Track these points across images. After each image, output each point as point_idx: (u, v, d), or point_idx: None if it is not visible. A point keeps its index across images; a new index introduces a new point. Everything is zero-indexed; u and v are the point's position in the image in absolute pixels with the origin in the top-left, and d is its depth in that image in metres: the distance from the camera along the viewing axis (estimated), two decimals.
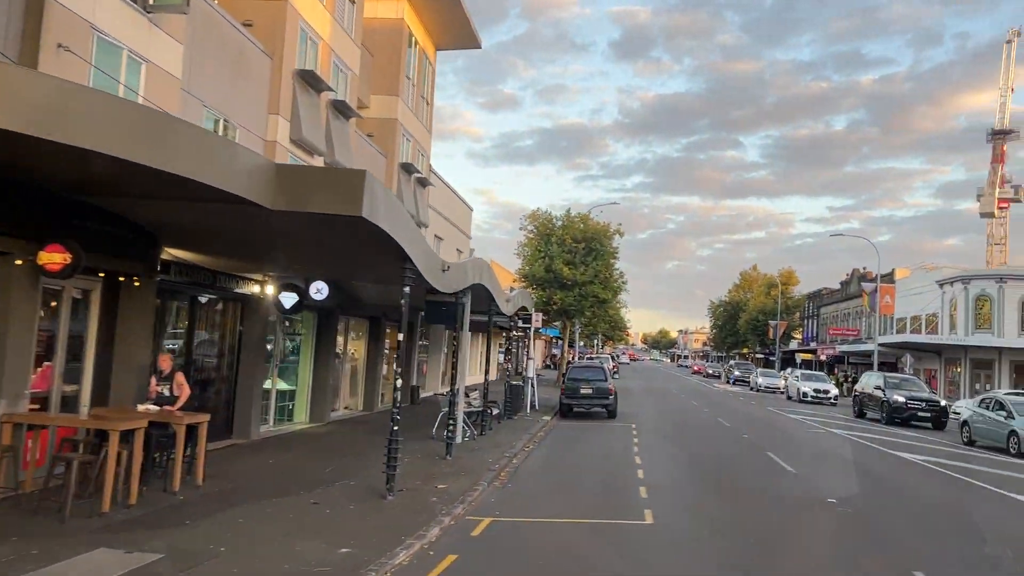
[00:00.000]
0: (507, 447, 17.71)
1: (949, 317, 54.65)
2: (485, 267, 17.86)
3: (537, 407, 28.17)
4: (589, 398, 26.57)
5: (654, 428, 24.35)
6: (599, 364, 28.20)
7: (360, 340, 23.85)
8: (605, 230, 46.49)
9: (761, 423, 27.85)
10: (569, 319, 48.05)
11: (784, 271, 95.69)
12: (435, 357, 35.69)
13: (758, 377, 53.64)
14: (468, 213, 36.68)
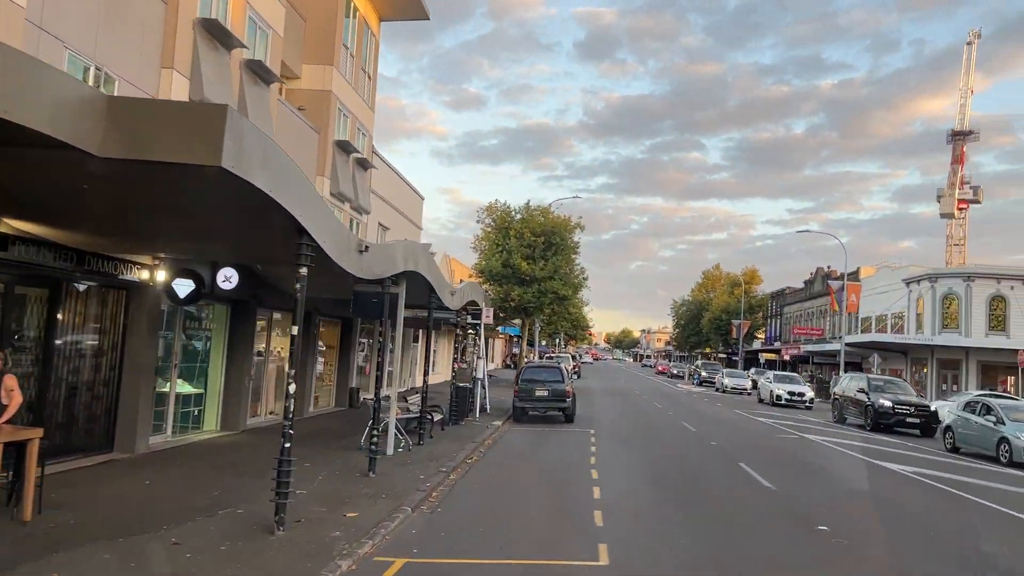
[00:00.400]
0: (446, 459, 15.39)
1: (916, 316, 53.52)
2: (421, 252, 15.52)
3: (488, 410, 25.89)
4: (544, 401, 24.39)
5: (614, 434, 22.21)
6: (556, 364, 26.04)
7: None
8: (566, 224, 44.42)
9: (730, 428, 25.87)
10: (528, 317, 45.84)
11: (747, 270, 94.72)
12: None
13: (724, 378, 51.91)
14: (419, 202, 34.28)
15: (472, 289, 22.60)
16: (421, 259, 15.37)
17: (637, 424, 25.84)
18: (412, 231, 33.03)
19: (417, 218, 33.96)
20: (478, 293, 23.26)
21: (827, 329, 70.78)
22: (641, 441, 21.02)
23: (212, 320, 17.25)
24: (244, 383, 17.65)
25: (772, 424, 27.64)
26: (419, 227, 34.48)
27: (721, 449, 19.64)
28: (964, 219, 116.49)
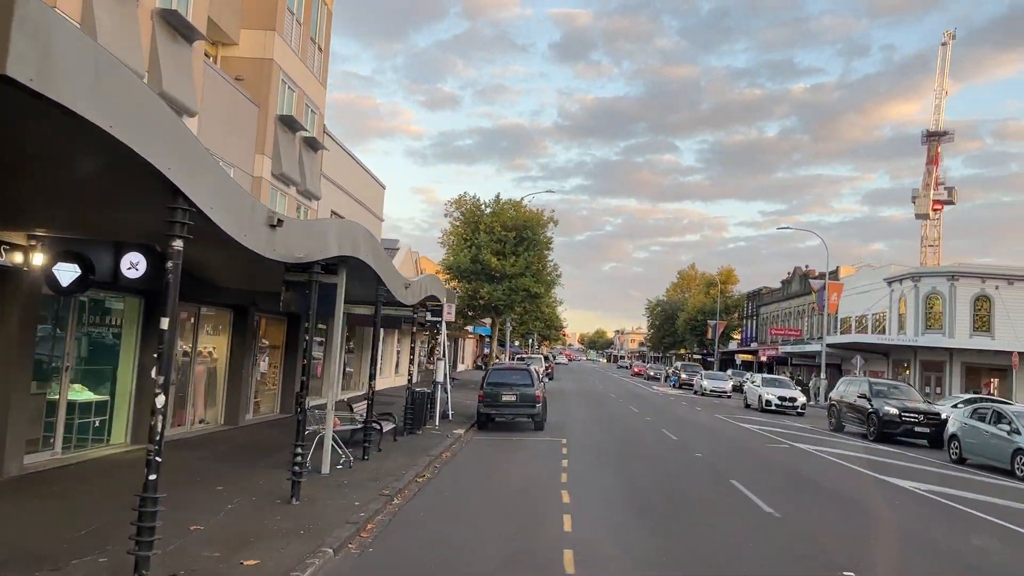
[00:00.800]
0: (391, 479, 13.08)
1: (898, 316, 52.03)
2: (364, 236, 13.19)
3: (451, 417, 23.59)
4: (512, 406, 22.14)
5: (589, 444, 20.02)
6: (525, 366, 23.79)
7: (221, 335, 18.91)
8: (538, 218, 42.22)
9: (714, 436, 23.79)
10: (499, 316, 43.57)
11: (723, 269, 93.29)
12: (354, 356, 30.73)
13: (703, 380, 49.91)
14: (380, 192, 31.90)
15: (431, 283, 20.29)
16: (363, 243, 13.05)
17: (614, 432, 23.67)
18: (372, 222, 30.63)
19: (378, 208, 31.57)
20: (438, 287, 20.96)
21: (805, 330, 69.30)
22: (619, 453, 18.83)
23: (122, 315, 14.77)
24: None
25: (760, 432, 25.59)
26: (380, 218, 32.09)
27: (708, 463, 17.50)
28: (939, 220, 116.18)
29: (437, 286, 20.77)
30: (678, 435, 22.93)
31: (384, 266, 14.83)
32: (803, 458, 19.48)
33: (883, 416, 24.47)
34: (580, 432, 22.89)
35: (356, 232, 12.94)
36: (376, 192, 31.19)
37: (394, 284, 15.91)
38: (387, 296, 16.04)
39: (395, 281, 16.06)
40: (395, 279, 16.04)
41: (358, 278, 14.34)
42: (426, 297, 19.92)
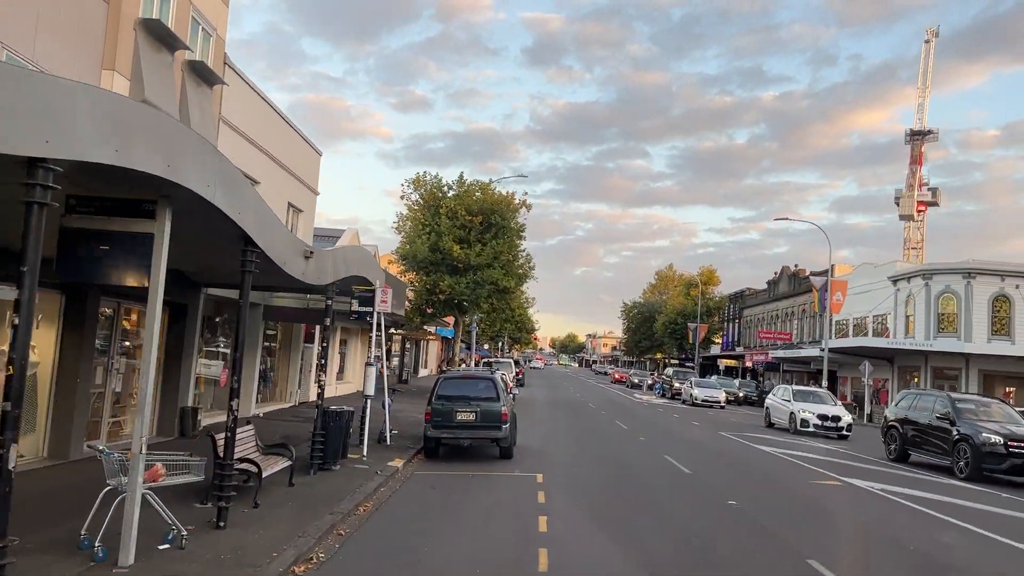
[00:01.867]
0: (246, 567, 7.43)
1: (904, 319, 47.17)
2: (196, 146, 7.49)
3: (390, 441, 17.89)
4: (470, 427, 16.53)
5: (574, 484, 14.45)
6: (487, 375, 18.08)
7: (49, 328, 13.04)
8: (508, 202, 36.64)
9: (739, 469, 18.32)
10: (462, 313, 37.85)
11: (705, 269, 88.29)
12: (282, 359, 25.00)
13: (693, 388, 44.48)
14: (315, 159, 26.10)
15: (356, 257, 14.61)
16: (199, 160, 7.40)
17: (604, 461, 18.10)
18: (303, 194, 24.82)
19: (311, 178, 25.76)
20: (367, 265, 15.27)
21: (796, 333, 64.44)
22: (618, 500, 13.27)
23: None
24: None
25: (793, 460, 20.10)
26: (314, 191, 26.28)
27: (752, 518, 11.99)
28: (922, 221, 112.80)
29: (366, 263, 15.07)
30: (690, 466, 17.41)
31: (256, 212, 9.17)
32: (881, 508, 14.02)
33: (982, 446, 18.05)
34: (561, 461, 17.32)
35: (179, 137, 7.27)
36: (309, 158, 25.41)
37: (280, 249, 10.23)
38: (268, 269, 10.37)
39: (282, 245, 10.38)
40: (281, 242, 10.35)
41: (197, 226, 8.69)
42: (349, 278, 14.25)
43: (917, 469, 19.89)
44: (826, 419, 28.40)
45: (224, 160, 8.29)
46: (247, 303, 9.56)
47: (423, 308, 36.25)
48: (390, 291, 15.46)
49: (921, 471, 19.54)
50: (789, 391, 31.07)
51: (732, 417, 36.50)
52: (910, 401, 21.72)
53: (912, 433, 20.75)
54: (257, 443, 12.01)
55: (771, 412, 31.83)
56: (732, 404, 47.14)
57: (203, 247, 10.90)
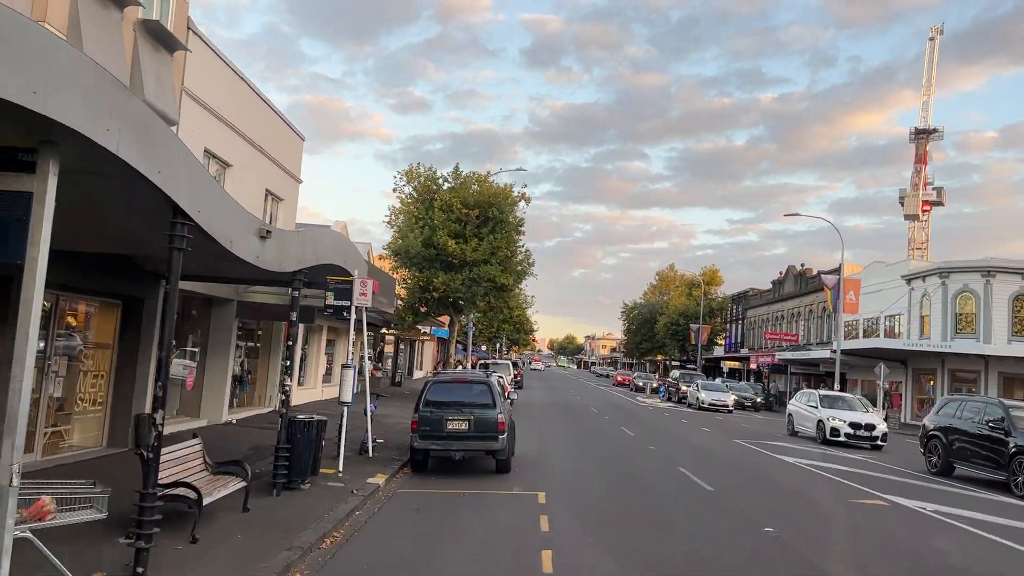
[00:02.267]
0: None
1: (919, 319, 45.23)
2: (104, 81, 5.55)
3: (373, 452, 15.94)
4: (462, 438, 14.57)
5: (581, 504, 12.52)
6: (481, 378, 16.04)
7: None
8: (507, 194, 34.67)
9: (765, 485, 16.36)
10: (458, 312, 35.89)
11: (707, 269, 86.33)
12: (261, 360, 23.06)
13: (700, 392, 42.45)
14: (296, 144, 24.15)
15: (331, 244, 12.66)
16: (90, 89, 5.46)
17: (613, 476, 16.15)
18: (283, 181, 22.87)
19: (293, 165, 23.81)
20: (346, 254, 13.32)
21: (803, 334, 62.51)
22: (635, 528, 11.31)
23: None
24: None
25: (821, 473, 18.12)
26: (297, 179, 24.33)
27: (795, 549, 10.05)
28: (927, 221, 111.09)
29: (342, 250, 13.11)
30: (711, 481, 15.46)
31: (190, 180, 7.23)
32: (940, 535, 12.07)
33: None
34: (565, 476, 15.39)
35: (58, 55, 5.33)
36: (290, 143, 23.45)
37: (224, 224, 8.28)
38: (209, 249, 8.42)
39: (226, 219, 8.42)
40: (225, 215, 8.39)
41: (126, 198, 6.79)
42: (321, 267, 12.29)
43: (966, 485, 17.81)
44: (859, 428, 25.61)
45: (135, 100, 6.33)
46: (175, 290, 7.58)
47: (416, 307, 34.30)
48: (371, 283, 13.50)
49: (971, 487, 17.50)
50: (815, 396, 28.24)
51: (744, 423, 34.52)
52: (954, 408, 19.59)
53: (958, 444, 18.64)
54: (205, 460, 10.07)
55: (795, 419, 29.02)
56: (742, 410, 44.89)
57: (132, 222, 8.95)
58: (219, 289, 18.42)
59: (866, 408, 28.07)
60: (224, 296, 19.07)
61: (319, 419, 12.32)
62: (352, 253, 13.96)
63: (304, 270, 11.50)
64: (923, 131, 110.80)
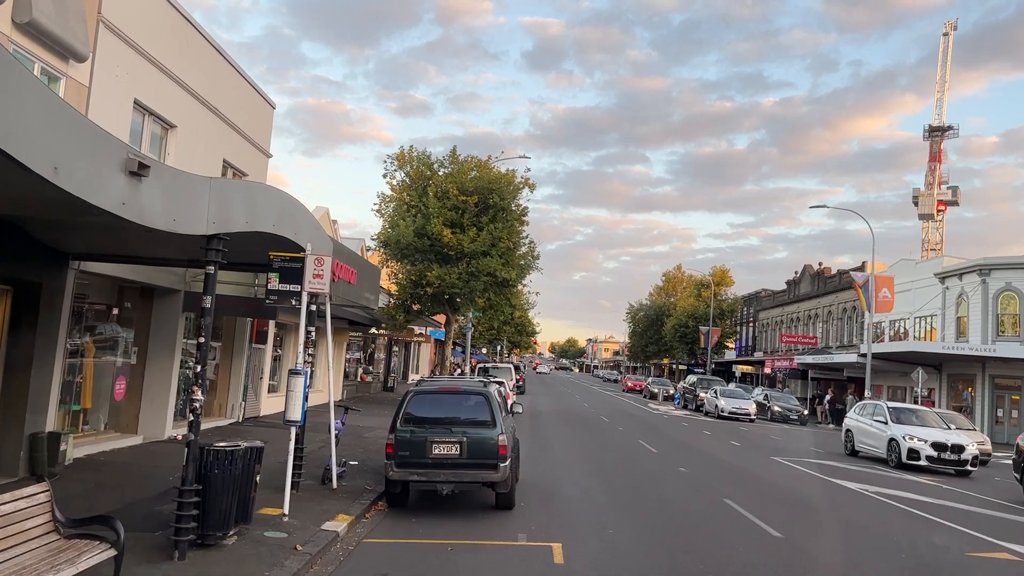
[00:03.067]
0: None
1: (955, 320, 41.76)
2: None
3: (335, 483, 12.51)
4: (452, 466, 11.14)
5: (616, 563, 9.08)
6: (478, 388, 12.52)
7: None
8: (509, 180, 31.26)
9: (839, 522, 12.93)
10: (454, 310, 32.45)
11: (717, 269, 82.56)
12: (222, 363, 19.72)
13: (719, 399, 38.90)
14: (266, 112, 20.75)
15: (274, 205, 9.21)
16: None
17: (647, 513, 12.71)
18: (245, 152, 19.45)
19: (261, 136, 20.42)
20: (297, 221, 9.88)
21: (821, 337, 59.06)
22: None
23: None
24: None
25: (909, 510, 14.59)
26: (266, 152, 20.94)
27: None
28: (942, 222, 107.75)
29: (289, 215, 9.66)
30: (773, 521, 12.01)
31: None
32: None
33: None
34: (585, 515, 11.95)
35: None
36: (257, 109, 20.04)
37: (37, 136, 4.85)
38: (12, 181, 4.99)
39: (44, 128, 4.99)
40: (40, 119, 4.96)
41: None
42: (257, 235, 8.87)
43: None
44: (944, 449, 20.86)
45: None
46: None
47: (408, 304, 30.90)
48: (329, 261, 10.06)
49: None
50: (884, 409, 23.39)
51: (773, 434, 31.01)
52: None
53: None
54: (55, 518, 6.65)
55: (855, 436, 24.20)
56: (782, 422, 40.58)
57: None
58: (160, 276, 15.06)
59: (947, 424, 23.30)
60: (167, 286, 15.68)
61: (250, 446, 8.89)
62: (307, 223, 10.54)
63: (224, 237, 8.10)
64: (937, 128, 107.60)
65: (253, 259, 10.72)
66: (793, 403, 43.61)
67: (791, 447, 25.17)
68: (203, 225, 7.54)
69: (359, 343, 37.72)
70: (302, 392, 9.89)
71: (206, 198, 7.56)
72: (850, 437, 24.59)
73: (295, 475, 11.60)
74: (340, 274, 14.19)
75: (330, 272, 10.04)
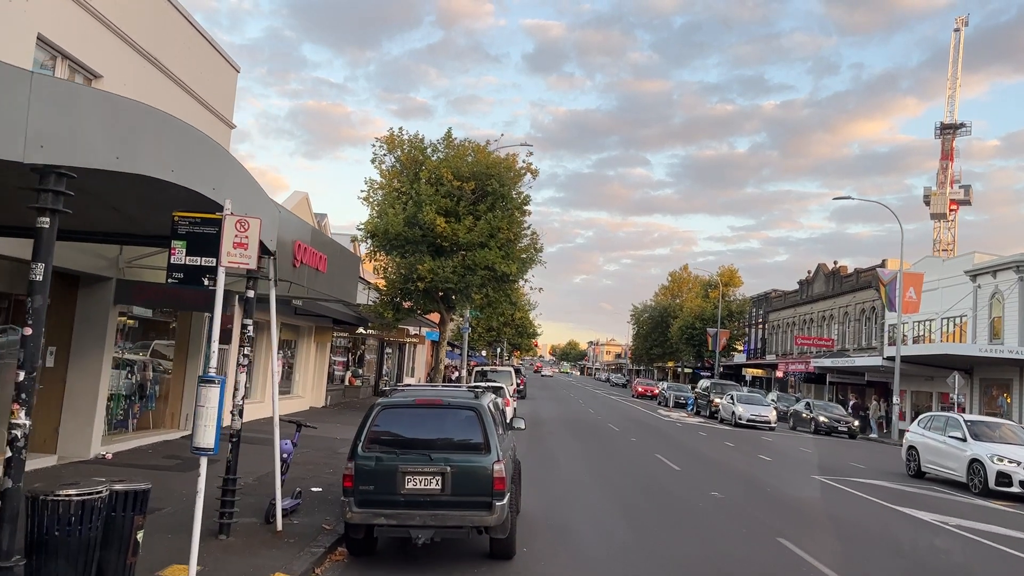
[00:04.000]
0: None
1: (989, 321, 38.88)
2: None
3: (280, 525, 9.63)
4: (432, 505, 8.30)
5: None
6: (466, 401, 9.59)
7: None
8: (509, 165, 28.43)
9: (953, 571, 10.09)
10: (449, 308, 29.57)
11: (725, 269, 79.71)
12: (176, 366, 16.96)
13: (736, 405, 35.90)
14: (228, 75, 17.89)
15: (172, 136, 6.32)
16: None
17: (682, 557, 9.91)
18: (200, 119, 16.56)
19: (221, 103, 17.57)
20: (219, 165, 7.00)
21: (837, 339, 56.17)
22: None
23: None
24: None
25: (1007, 549, 11.73)
26: (228, 123, 18.09)
27: None
28: (954, 221, 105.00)
29: (200, 158, 6.79)
30: (845, 568, 9.15)
31: None
32: None
33: None
34: (607, 567, 9.10)
35: None
36: (215, 72, 17.19)
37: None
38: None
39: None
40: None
41: None
42: (139, 180, 5.99)
43: None
44: None
45: None
46: None
47: (397, 301, 28.05)
48: (256, 226, 7.17)
49: None
50: (960, 423, 19.45)
51: (802, 446, 28.08)
52: None
53: None
54: None
55: (921, 454, 20.50)
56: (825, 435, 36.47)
57: None
58: (83, 261, 12.27)
59: None
60: (94, 272, 12.87)
61: (126, 489, 6.04)
62: (236, 177, 7.69)
63: (67, 174, 5.24)
64: (949, 126, 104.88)
65: (155, 229, 7.89)
66: (840, 412, 38.72)
67: (832, 464, 22.16)
68: (16, 146, 4.70)
69: (348, 344, 34.89)
70: (216, 407, 7.03)
71: (23, 100, 4.71)
72: (914, 455, 20.82)
73: (224, 516, 8.77)
74: (304, 258, 11.43)
75: (257, 242, 7.17)
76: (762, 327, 75.81)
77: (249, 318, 9.29)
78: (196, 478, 7.19)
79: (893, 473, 20.93)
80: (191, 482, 11.20)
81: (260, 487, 11.69)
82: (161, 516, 9.33)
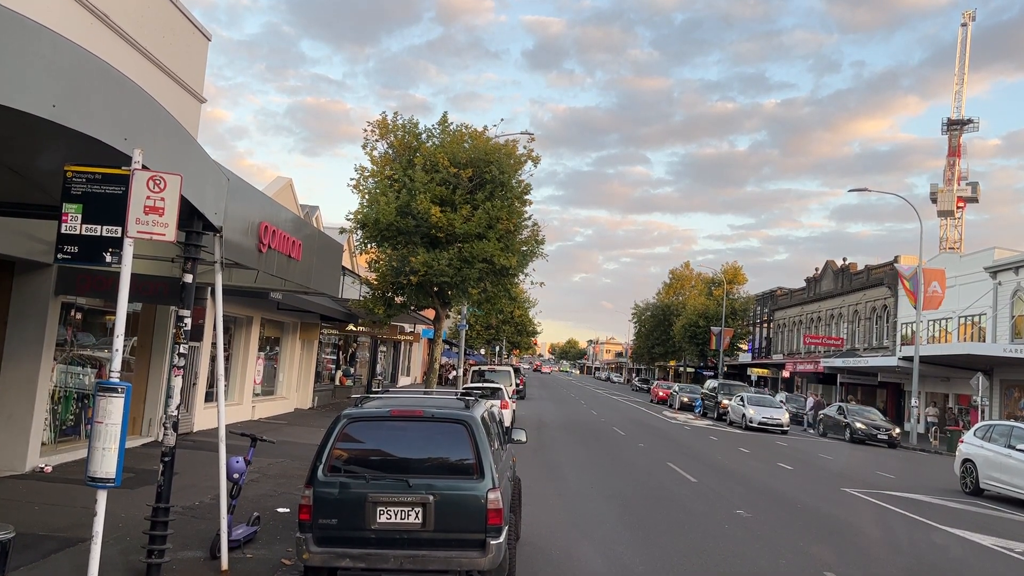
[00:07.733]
0: None
1: (1010, 320, 37.16)
2: None
3: (226, 563, 7.90)
4: (411, 544, 6.59)
5: None
6: (454, 413, 7.87)
7: None
8: (509, 151, 26.68)
9: None
10: (444, 304, 27.81)
11: (729, 267, 77.90)
12: (138, 367, 15.26)
13: (746, 407, 34.11)
14: (198, 44, 16.16)
15: (33, 50, 4.57)
16: None
17: None
18: (165, 90, 14.80)
19: (190, 74, 15.82)
20: (127, 104, 5.26)
21: (847, 338, 54.45)
22: None
23: None
24: None
25: None
26: (199, 96, 16.33)
27: None
28: (961, 219, 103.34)
29: (95, 90, 5.07)
30: None
31: None
32: None
33: None
34: None
35: None
36: (183, 39, 15.46)
37: None
38: None
39: None
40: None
41: None
42: (48, 134, 4.24)
43: None
44: None
45: None
46: None
47: (389, 296, 26.31)
48: (176, 183, 5.46)
49: None
50: (1010, 430, 17.26)
51: (823, 452, 26.32)
52: None
53: None
54: None
55: (980, 469, 17.77)
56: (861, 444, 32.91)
57: None
58: (16, 244, 10.54)
59: None
60: (29, 257, 11.12)
61: None
62: (156, 117, 5.97)
63: None
64: (956, 122, 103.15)
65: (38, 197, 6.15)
66: (879, 418, 34.94)
67: (859, 475, 20.39)
68: None
69: (339, 342, 33.18)
70: (121, 424, 5.32)
71: None
72: (971, 470, 18.21)
73: (152, 554, 7.05)
74: (273, 243, 9.70)
75: (177, 206, 5.45)
76: (768, 326, 74.14)
77: (187, 309, 7.56)
78: (147, 496, 5.50)
79: (943, 489, 18.56)
80: (138, 502, 9.51)
81: (216, 508, 9.95)
82: (77, 553, 7.61)
